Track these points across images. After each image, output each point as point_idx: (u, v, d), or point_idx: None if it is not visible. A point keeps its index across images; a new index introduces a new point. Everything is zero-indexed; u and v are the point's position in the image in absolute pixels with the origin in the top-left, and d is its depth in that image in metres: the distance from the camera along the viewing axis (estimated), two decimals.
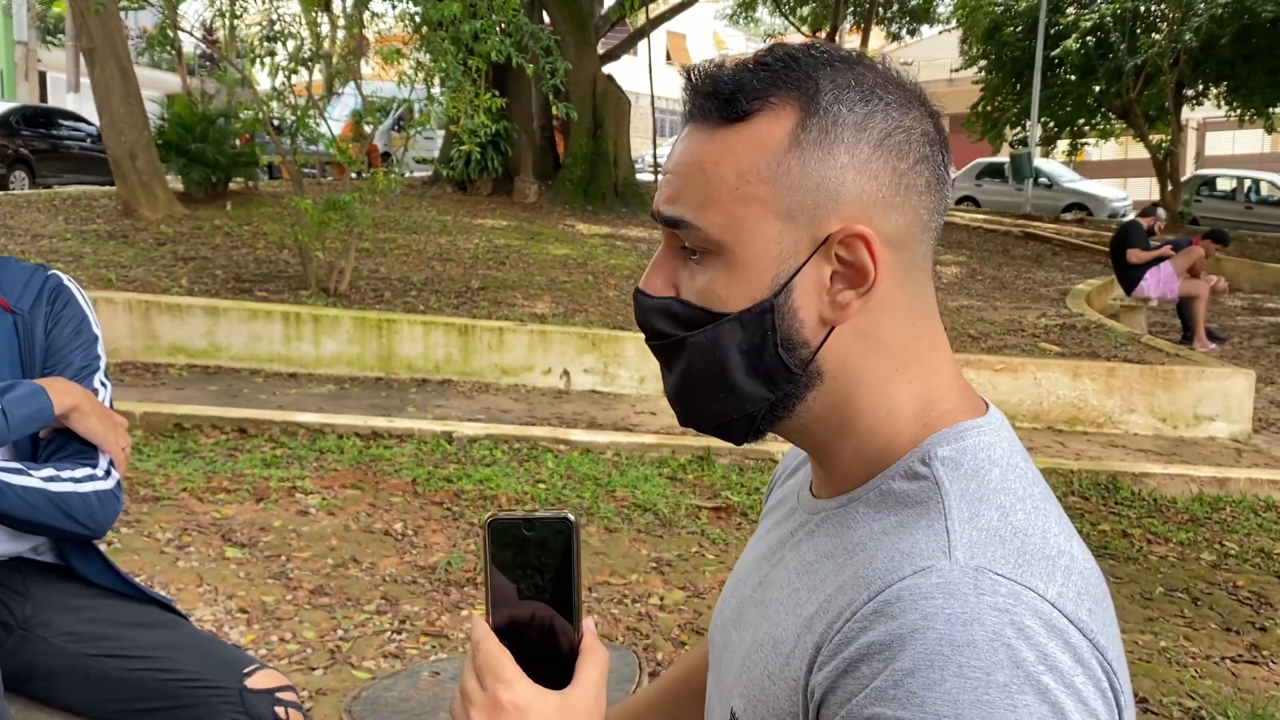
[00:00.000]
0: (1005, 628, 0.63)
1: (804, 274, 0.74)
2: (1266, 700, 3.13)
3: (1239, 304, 12.67)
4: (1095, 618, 0.68)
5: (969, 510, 0.70)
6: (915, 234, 0.76)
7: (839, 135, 0.73)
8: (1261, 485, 5.22)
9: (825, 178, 0.73)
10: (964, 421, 0.76)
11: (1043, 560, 0.68)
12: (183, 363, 6.60)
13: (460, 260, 9.53)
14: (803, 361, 0.76)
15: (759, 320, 0.75)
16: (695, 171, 0.76)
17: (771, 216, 0.74)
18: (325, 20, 8.49)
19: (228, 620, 3.30)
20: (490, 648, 0.73)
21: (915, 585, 0.66)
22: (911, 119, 0.75)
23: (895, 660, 0.63)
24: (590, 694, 0.73)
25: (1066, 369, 6.57)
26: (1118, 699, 0.66)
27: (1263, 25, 16.71)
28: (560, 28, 13.31)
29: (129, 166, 9.87)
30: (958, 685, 0.61)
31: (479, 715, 0.71)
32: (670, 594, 3.71)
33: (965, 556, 0.67)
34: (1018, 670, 0.62)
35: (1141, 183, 28.30)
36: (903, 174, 0.74)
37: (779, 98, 0.74)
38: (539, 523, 0.73)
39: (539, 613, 0.74)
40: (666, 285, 0.79)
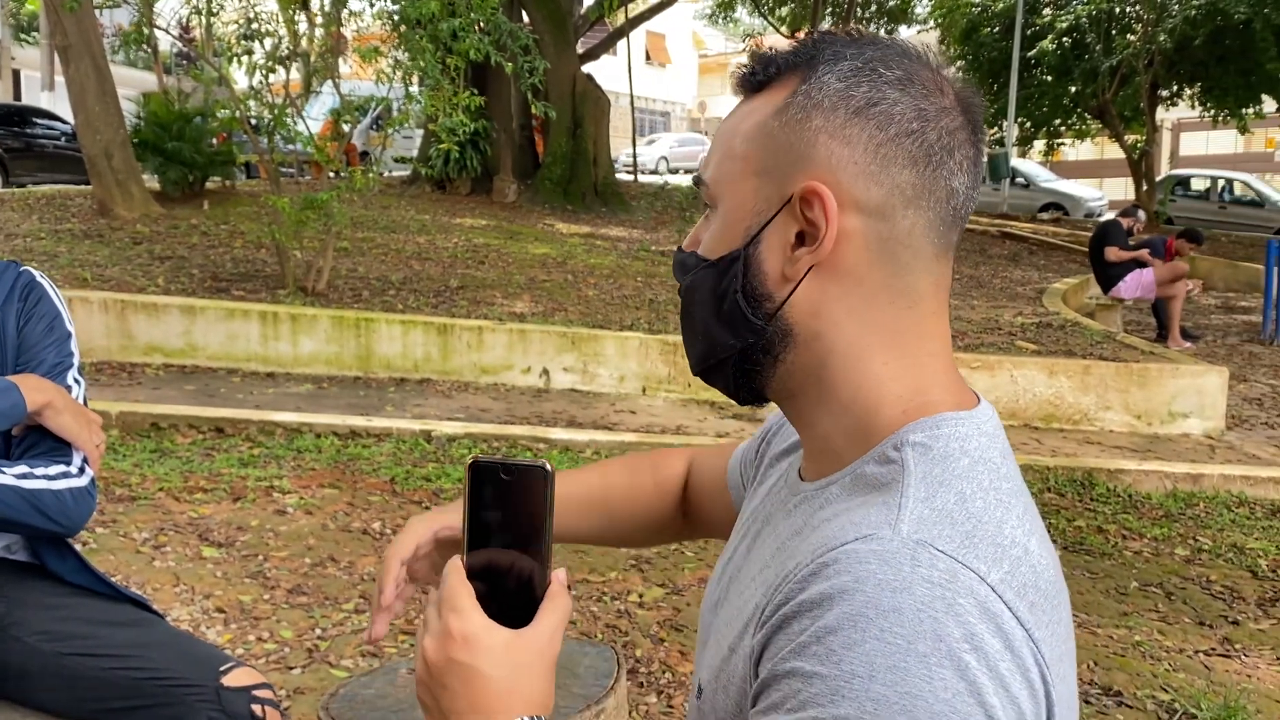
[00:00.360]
0: (935, 601, 0.62)
1: (771, 228, 0.78)
2: (1239, 693, 3.17)
3: (1213, 303, 12.80)
4: (1037, 612, 0.67)
5: (927, 491, 0.70)
6: (895, 207, 0.76)
7: (819, 100, 0.77)
8: (1234, 481, 5.27)
9: (799, 138, 0.77)
10: (945, 412, 0.77)
11: (992, 546, 0.68)
12: (159, 362, 6.56)
13: (439, 259, 9.51)
14: (765, 314, 0.79)
15: (729, 268, 0.80)
16: (719, 136, 0.84)
17: (751, 173, 0.79)
18: (303, 18, 8.45)
19: (205, 620, 3.28)
20: (453, 581, 0.75)
21: (854, 550, 0.66)
22: (904, 94, 0.76)
23: (821, 618, 0.64)
24: (544, 637, 0.74)
25: (1043, 367, 6.62)
26: (1049, 695, 0.65)
27: (1235, 27, 16.88)
28: (539, 27, 13.30)
29: (104, 165, 9.79)
30: (877, 648, 0.61)
31: (430, 641, 0.74)
32: (649, 591, 3.71)
33: (910, 530, 0.67)
34: (939, 644, 0.61)
35: (1117, 183, 28.54)
36: (881, 144, 0.75)
37: (788, 70, 0.80)
38: (517, 468, 0.76)
39: (512, 558, 0.76)
40: (693, 241, 0.86)
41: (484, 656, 0.72)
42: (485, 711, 0.72)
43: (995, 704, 0.61)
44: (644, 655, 3.24)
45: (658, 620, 3.49)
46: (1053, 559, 0.74)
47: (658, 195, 16.38)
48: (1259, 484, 5.25)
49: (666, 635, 3.38)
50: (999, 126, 21.18)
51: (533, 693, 0.73)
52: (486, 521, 0.76)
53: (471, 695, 0.72)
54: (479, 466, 0.76)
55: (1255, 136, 29.40)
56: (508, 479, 0.75)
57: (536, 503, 0.75)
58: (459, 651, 0.72)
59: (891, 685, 0.61)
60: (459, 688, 0.72)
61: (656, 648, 3.30)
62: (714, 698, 0.78)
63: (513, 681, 0.72)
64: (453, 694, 0.73)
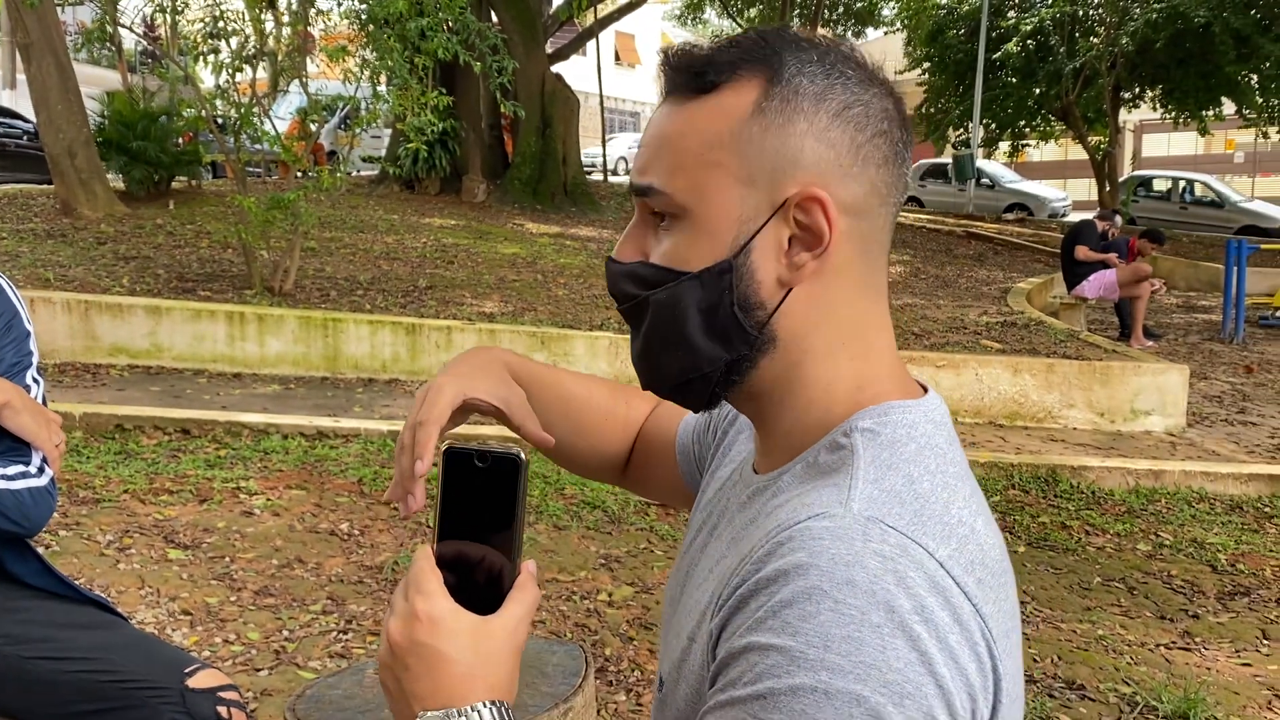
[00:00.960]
0: (886, 574, 0.64)
1: (763, 236, 0.77)
2: (1199, 685, 3.22)
3: (1174, 302, 12.98)
4: (984, 589, 0.69)
5: (876, 473, 0.72)
6: (873, 206, 0.78)
7: (799, 105, 0.76)
8: (1195, 477, 5.35)
9: (785, 144, 0.76)
10: (893, 401, 0.78)
11: (939, 525, 0.70)
12: (124, 363, 6.49)
13: (408, 259, 9.47)
14: (759, 324, 0.78)
15: (718, 280, 0.78)
16: (665, 141, 0.80)
17: (733, 181, 0.77)
18: (270, 17, 8.38)
19: (170, 622, 3.26)
20: (421, 564, 0.75)
21: (808, 527, 0.68)
22: (870, 95, 0.78)
23: (777, 593, 0.65)
24: (510, 625, 0.75)
25: (1007, 365, 6.69)
26: (996, 669, 0.67)
27: (1195, 30, 17.11)
28: (508, 27, 13.27)
29: (68, 165, 9.67)
30: (831, 619, 0.63)
31: (395, 623, 0.74)
32: (619, 590, 3.72)
33: (861, 507, 0.68)
34: (892, 614, 0.63)
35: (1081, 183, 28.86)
36: (860, 145, 0.77)
37: (745, 71, 0.78)
38: (491, 455, 0.75)
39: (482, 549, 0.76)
40: (636, 252, 0.82)
41: (448, 639, 0.72)
42: (447, 694, 0.72)
43: (945, 674, 0.63)
44: (613, 654, 3.25)
45: (627, 619, 3.50)
46: (998, 539, 0.76)
47: (628, 195, 16.37)
48: (1219, 480, 5.34)
49: (636, 634, 3.39)
50: (965, 128, 21.37)
51: (496, 678, 0.73)
52: (459, 509, 0.76)
53: (434, 677, 0.72)
54: (453, 454, 0.76)
55: (1215, 138, 29.84)
56: (481, 466, 0.75)
57: (509, 491, 0.75)
58: (423, 633, 0.72)
59: (846, 655, 0.62)
60: (421, 670, 0.72)
61: (626, 646, 3.31)
62: (674, 689, 0.79)
63: (476, 666, 0.72)
64: (415, 676, 0.72)
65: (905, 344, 7.60)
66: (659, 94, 0.83)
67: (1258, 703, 3.22)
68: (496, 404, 0.98)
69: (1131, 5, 18.32)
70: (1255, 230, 18.94)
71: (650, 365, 0.84)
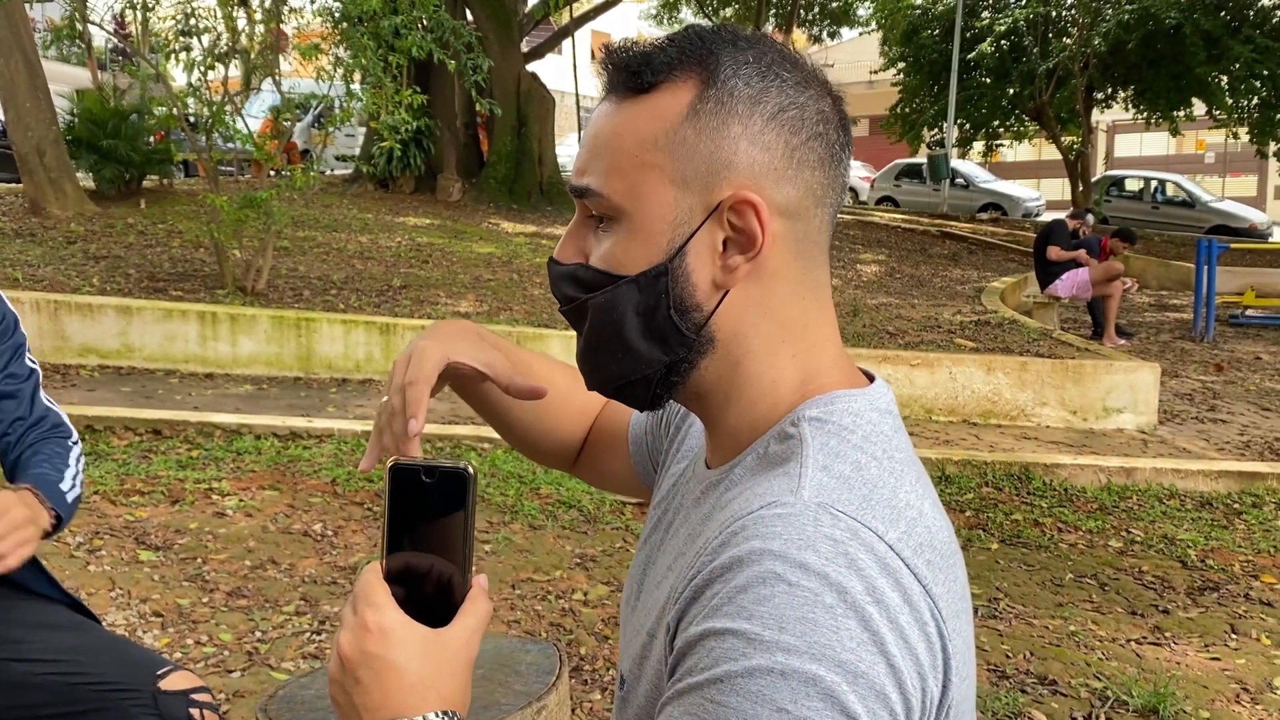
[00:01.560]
0: (838, 557, 0.65)
1: (697, 239, 0.77)
2: (1168, 680, 3.25)
3: (1146, 301, 13.10)
4: (934, 570, 0.70)
5: (825, 460, 0.73)
6: (808, 207, 0.78)
7: (733, 107, 0.76)
8: (1166, 474, 5.41)
9: (719, 146, 0.76)
10: (839, 390, 0.79)
11: (888, 509, 0.71)
12: (94, 364, 6.43)
13: (382, 259, 9.43)
14: (695, 325, 0.78)
15: (654, 283, 0.78)
16: (602, 142, 0.80)
17: (668, 183, 0.77)
18: (242, 15, 8.32)
19: (141, 624, 3.23)
20: (369, 577, 0.74)
21: (760, 516, 0.68)
22: (807, 97, 0.78)
23: (732, 579, 0.66)
24: (462, 638, 0.74)
25: (981, 364, 6.73)
26: (945, 649, 0.68)
27: (1166, 31, 17.28)
28: (483, 25, 13.23)
29: (36, 163, 9.57)
30: (786, 601, 0.63)
31: (346, 636, 0.73)
32: (594, 589, 3.72)
33: (811, 494, 0.69)
34: (844, 596, 0.64)
35: (1054, 183, 29.08)
36: (795, 148, 0.77)
37: (681, 71, 0.78)
38: (439, 471, 0.74)
39: (431, 561, 0.75)
40: (576, 253, 0.82)
41: (398, 650, 0.71)
42: (398, 706, 0.71)
43: (895, 653, 0.64)
44: (588, 653, 3.25)
45: (602, 618, 3.50)
46: (946, 523, 0.76)
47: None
48: (1189, 477, 5.39)
49: (610, 633, 3.39)
50: (939, 128, 21.48)
51: (449, 689, 0.72)
52: (407, 525, 0.75)
53: (384, 689, 0.71)
54: (399, 470, 0.74)
55: (1186, 139, 30.15)
56: (429, 481, 0.74)
57: (458, 506, 0.74)
58: (374, 644, 0.71)
59: (801, 635, 0.63)
60: (372, 681, 0.71)
61: (601, 645, 3.31)
62: (635, 686, 0.80)
63: (428, 676, 0.72)
64: (365, 689, 0.71)
65: (880, 343, 7.63)
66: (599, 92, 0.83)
67: (1226, 696, 3.26)
68: (480, 367, 0.98)
69: (1104, 6, 18.47)
70: (1225, 230, 19.16)
71: (592, 366, 0.84)
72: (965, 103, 20.54)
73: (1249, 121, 19.15)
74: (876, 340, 7.67)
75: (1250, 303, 11.92)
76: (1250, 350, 9.98)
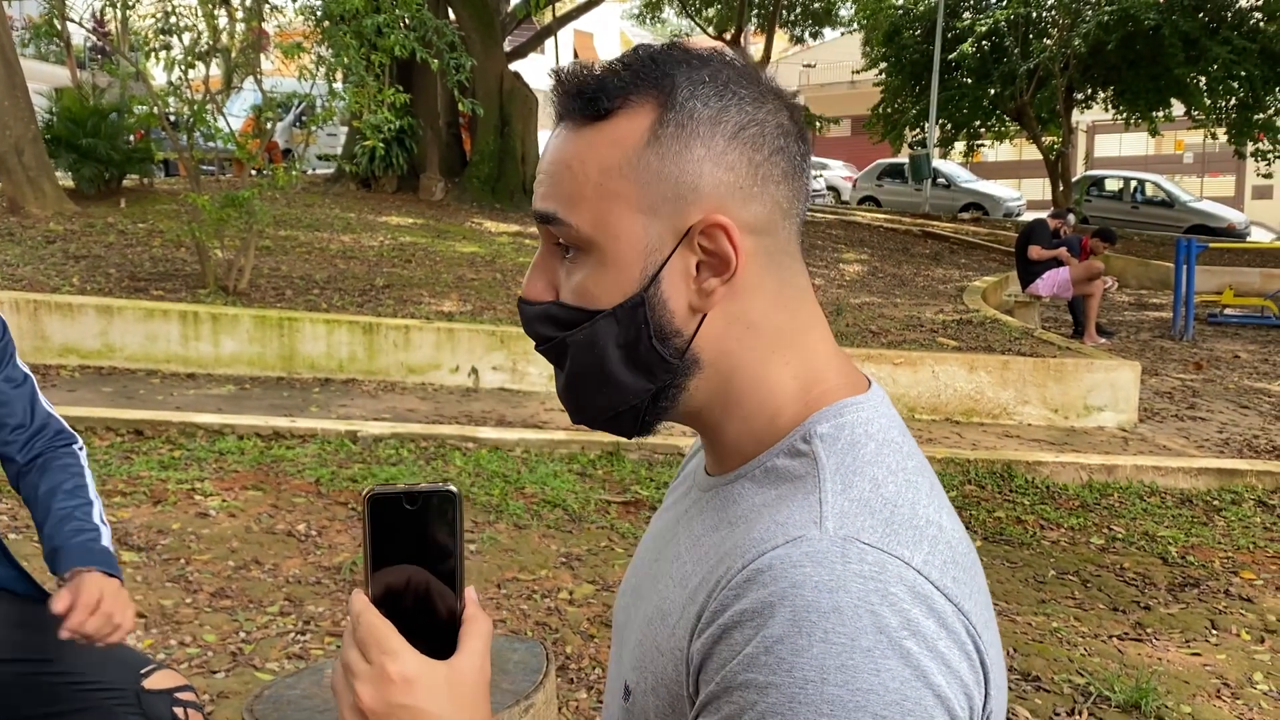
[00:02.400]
0: (870, 595, 0.65)
1: (670, 266, 0.77)
2: (1150, 675, 3.28)
3: (1126, 300, 13.19)
4: (961, 585, 0.70)
5: (842, 483, 0.72)
6: (776, 221, 0.78)
7: (695, 130, 0.76)
8: (1146, 472, 5.45)
9: (683, 171, 0.76)
10: (844, 399, 0.79)
11: (910, 530, 0.70)
12: (75, 364, 6.39)
13: (364, 258, 9.40)
14: (678, 351, 0.78)
15: (632, 314, 0.77)
16: (563, 170, 0.78)
17: (634, 211, 0.76)
18: (223, 13, 8.28)
19: None
20: (371, 619, 0.71)
21: (786, 554, 0.68)
22: (765, 112, 0.78)
23: (765, 627, 0.65)
24: (476, 663, 0.73)
25: (963, 363, 6.76)
26: (984, 662, 0.68)
27: (1145, 32, 17.39)
28: (465, 24, 13.20)
29: (15, 162, 9.49)
30: (823, 650, 0.63)
31: (365, 688, 0.70)
32: (579, 588, 3.72)
33: (835, 526, 0.69)
34: (881, 636, 0.64)
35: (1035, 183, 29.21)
36: (758, 165, 0.77)
37: (638, 96, 0.77)
38: (420, 496, 0.72)
39: (417, 584, 0.73)
40: (546, 288, 0.81)
41: (426, 696, 0.70)
42: None
43: (940, 682, 0.65)
44: (574, 651, 3.25)
45: (588, 617, 3.50)
46: (962, 531, 0.77)
47: None
48: (1169, 474, 5.43)
49: (597, 631, 3.39)
50: (921, 128, 21.56)
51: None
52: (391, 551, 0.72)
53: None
54: (378, 499, 0.72)
55: (1165, 139, 30.35)
56: (411, 509, 0.72)
57: (444, 528, 0.73)
58: (400, 695, 0.70)
59: (843, 685, 0.63)
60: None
61: (587, 644, 3.31)
62: (644, 699, 0.79)
63: (458, 716, 0.71)
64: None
65: (863, 342, 7.66)
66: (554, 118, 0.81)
67: (1207, 691, 3.29)
68: None
69: (1083, 7, 18.57)
70: (1204, 229, 19.30)
71: (576, 402, 0.83)
72: (947, 103, 20.63)
73: (1227, 122, 19.30)
74: (859, 339, 7.69)
75: (1229, 302, 12.03)
76: (1229, 349, 10.06)
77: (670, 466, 5.08)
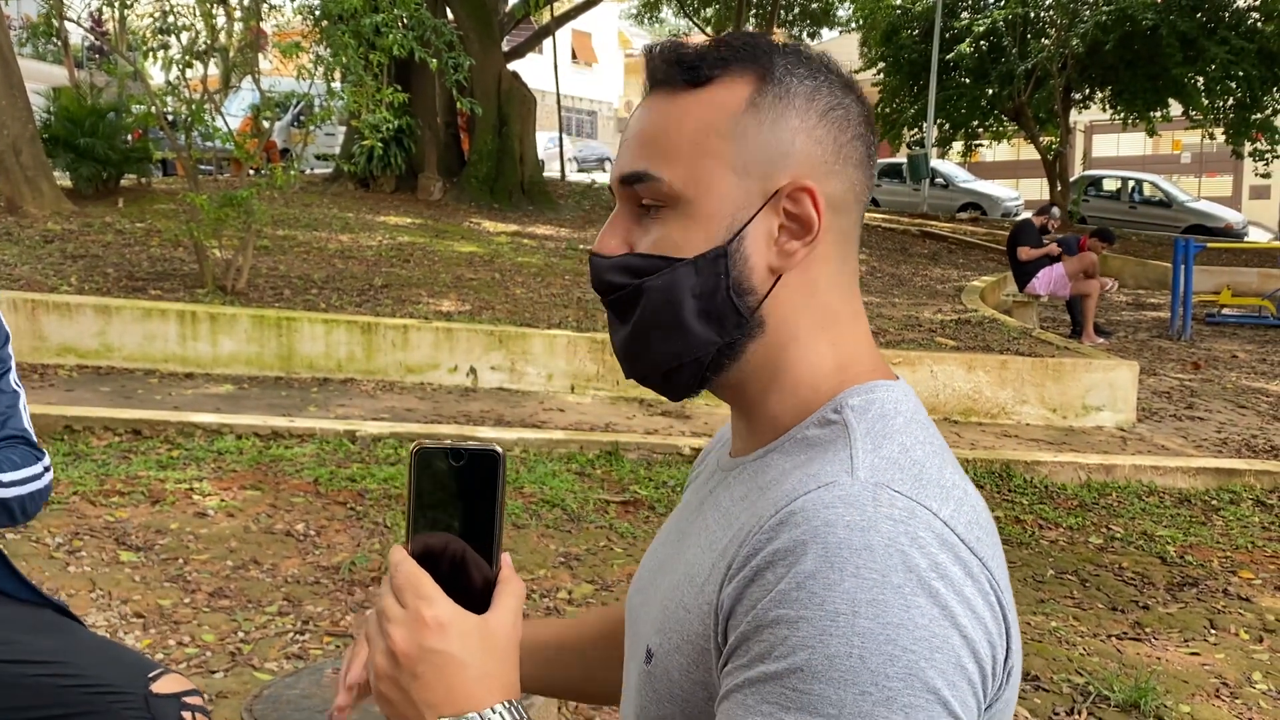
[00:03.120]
0: (900, 536, 0.67)
1: (755, 224, 0.80)
2: (1149, 674, 3.28)
3: (1124, 300, 13.19)
4: (984, 545, 0.72)
5: (873, 443, 0.75)
6: (850, 203, 0.83)
7: (791, 102, 0.81)
8: (1145, 471, 5.45)
9: (778, 138, 0.80)
10: (876, 379, 0.82)
11: (938, 488, 0.73)
12: (72, 363, 6.38)
13: (363, 258, 9.39)
14: (750, 308, 0.81)
15: (713, 265, 0.80)
16: (658, 130, 0.82)
17: (728, 170, 0.80)
18: (221, 12, 8.26)
19: (123, 625, 3.21)
20: (410, 568, 0.73)
21: (818, 497, 0.70)
22: (850, 99, 0.83)
23: (797, 564, 0.67)
24: (509, 620, 0.74)
25: (961, 362, 6.76)
26: (1005, 615, 0.71)
27: (1143, 33, 17.40)
28: (464, 24, 13.19)
29: (12, 162, 9.48)
30: (855, 585, 0.65)
31: (399, 630, 0.71)
32: (579, 588, 3.72)
33: (867, 474, 0.72)
34: (910, 574, 0.66)
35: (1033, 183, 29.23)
36: (842, 145, 0.82)
37: (737, 67, 0.81)
38: (466, 453, 0.74)
39: (456, 543, 0.74)
40: (621, 244, 0.84)
41: (459, 643, 0.71)
42: (464, 700, 0.70)
43: (966, 624, 0.67)
44: None
45: None
46: (984, 503, 0.79)
47: (585, 194, 16.37)
48: (1168, 474, 5.43)
49: None
50: (919, 128, 21.57)
51: (508, 678, 0.73)
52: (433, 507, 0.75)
53: (449, 684, 0.71)
54: (425, 453, 0.74)
55: (1163, 139, 30.38)
56: (457, 465, 0.74)
57: (487, 487, 0.74)
58: (433, 639, 0.71)
59: (874, 618, 0.65)
60: (434, 677, 0.71)
61: None
62: (667, 659, 0.79)
63: (489, 666, 0.72)
64: (425, 683, 0.71)
65: None
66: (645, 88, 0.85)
67: (1206, 691, 3.29)
68: None
69: (1081, 7, 18.58)
70: (1202, 229, 19.31)
71: (640, 351, 0.84)
72: (944, 103, 20.63)
73: (1224, 122, 19.31)
74: None
75: (1226, 301, 12.03)
76: (1227, 349, 10.07)
77: (669, 466, 5.08)
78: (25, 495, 1.71)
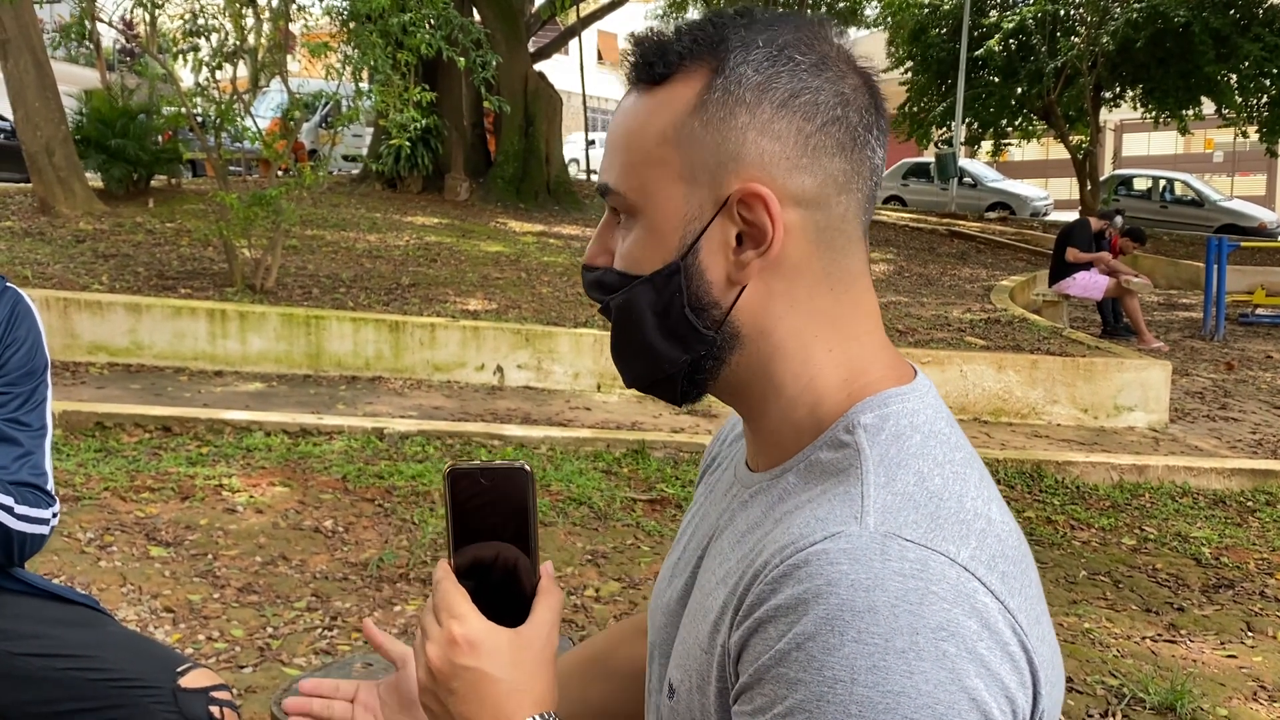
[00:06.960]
0: (909, 594, 0.63)
1: (709, 235, 0.75)
2: (1185, 677, 3.23)
3: (1155, 300, 13.05)
4: (1009, 581, 0.67)
5: (885, 475, 0.70)
6: (829, 195, 0.75)
7: (740, 96, 0.73)
8: (1178, 472, 5.38)
9: (725, 139, 0.74)
10: (889, 389, 0.76)
11: (956, 524, 0.68)
12: (103, 361, 6.43)
13: (390, 257, 9.42)
14: (714, 322, 0.76)
15: (668, 281, 0.76)
16: (619, 137, 0.78)
17: (676, 179, 0.75)
18: (250, 14, 8.32)
19: (153, 620, 3.22)
20: (447, 586, 0.75)
21: (824, 550, 0.65)
22: (823, 80, 0.74)
23: (798, 624, 0.64)
24: (542, 633, 0.75)
25: (991, 362, 6.70)
26: (1031, 661, 0.66)
27: (1175, 30, 17.23)
28: (490, 24, 13.23)
29: (45, 162, 9.59)
30: (855, 650, 0.62)
31: (433, 649, 0.74)
32: (606, 585, 3.71)
33: (876, 522, 0.66)
34: (916, 637, 0.62)
35: (1062, 182, 29.01)
36: (809, 135, 0.73)
37: (692, 61, 0.75)
38: (495, 472, 0.77)
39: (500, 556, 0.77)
40: (601, 253, 0.81)
41: (489, 659, 0.73)
42: (497, 714, 0.73)
43: (977, 685, 0.62)
44: None
45: (614, 614, 3.48)
46: (1013, 524, 0.74)
47: None
48: (1201, 474, 5.36)
49: None
50: (947, 127, 21.43)
51: (540, 690, 0.74)
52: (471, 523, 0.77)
53: (481, 699, 0.73)
54: (457, 474, 0.77)
55: (1195, 137, 30.04)
56: (487, 484, 0.76)
57: (518, 503, 0.76)
58: (464, 656, 0.73)
59: (874, 686, 0.61)
60: (468, 692, 0.73)
61: None
62: (689, 697, 0.77)
63: (520, 680, 0.73)
64: (461, 699, 0.73)
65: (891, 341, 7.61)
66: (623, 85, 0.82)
67: (1243, 694, 3.24)
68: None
69: (1112, 5, 18.41)
70: (1235, 229, 19.07)
71: (621, 366, 0.83)
72: (973, 101, 20.48)
73: (1258, 120, 19.09)
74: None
75: (1260, 301, 11.86)
76: (1261, 349, 9.93)
77: (695, 465, 5.06)
78: (29, 535, 1.71)
